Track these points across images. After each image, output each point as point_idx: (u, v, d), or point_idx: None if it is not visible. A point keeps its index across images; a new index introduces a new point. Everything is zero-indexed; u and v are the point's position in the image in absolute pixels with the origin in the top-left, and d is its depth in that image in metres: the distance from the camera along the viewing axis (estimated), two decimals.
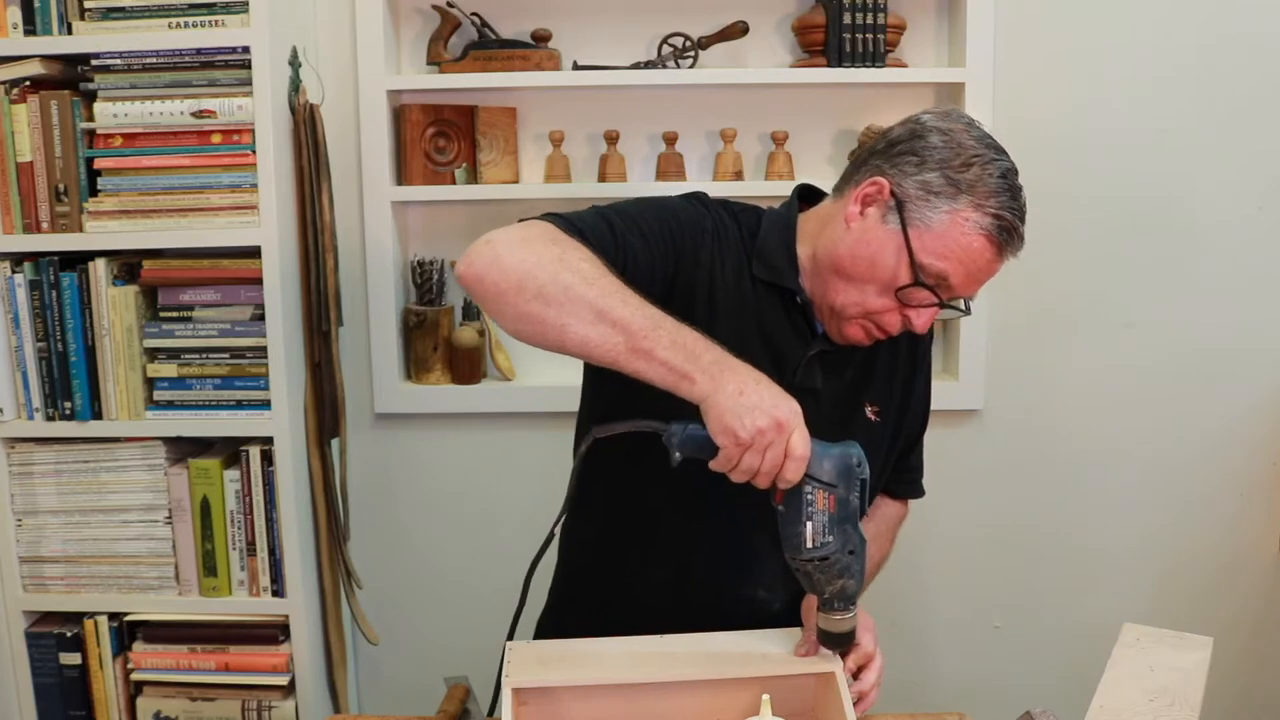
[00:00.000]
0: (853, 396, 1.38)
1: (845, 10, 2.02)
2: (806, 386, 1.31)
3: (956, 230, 1.20)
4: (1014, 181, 1.22)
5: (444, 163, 2.17)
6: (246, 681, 2.01)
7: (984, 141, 1.24)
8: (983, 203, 1.20)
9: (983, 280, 1.25)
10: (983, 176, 1.20)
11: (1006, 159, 1.24)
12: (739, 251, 1.32)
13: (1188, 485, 2.25)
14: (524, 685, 1.20)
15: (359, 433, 2.23)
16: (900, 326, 1.27)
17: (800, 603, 1.36)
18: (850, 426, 1.35)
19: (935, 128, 1.25)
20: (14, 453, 1.97)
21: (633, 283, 1.12)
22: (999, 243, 1.21)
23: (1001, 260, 1.24)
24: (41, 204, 1.90)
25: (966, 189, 1.20)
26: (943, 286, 1.23)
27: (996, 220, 1.20)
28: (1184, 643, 1.35)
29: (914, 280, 1.22)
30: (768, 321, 1.32)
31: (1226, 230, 2.16)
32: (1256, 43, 2.10)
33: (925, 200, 1.21)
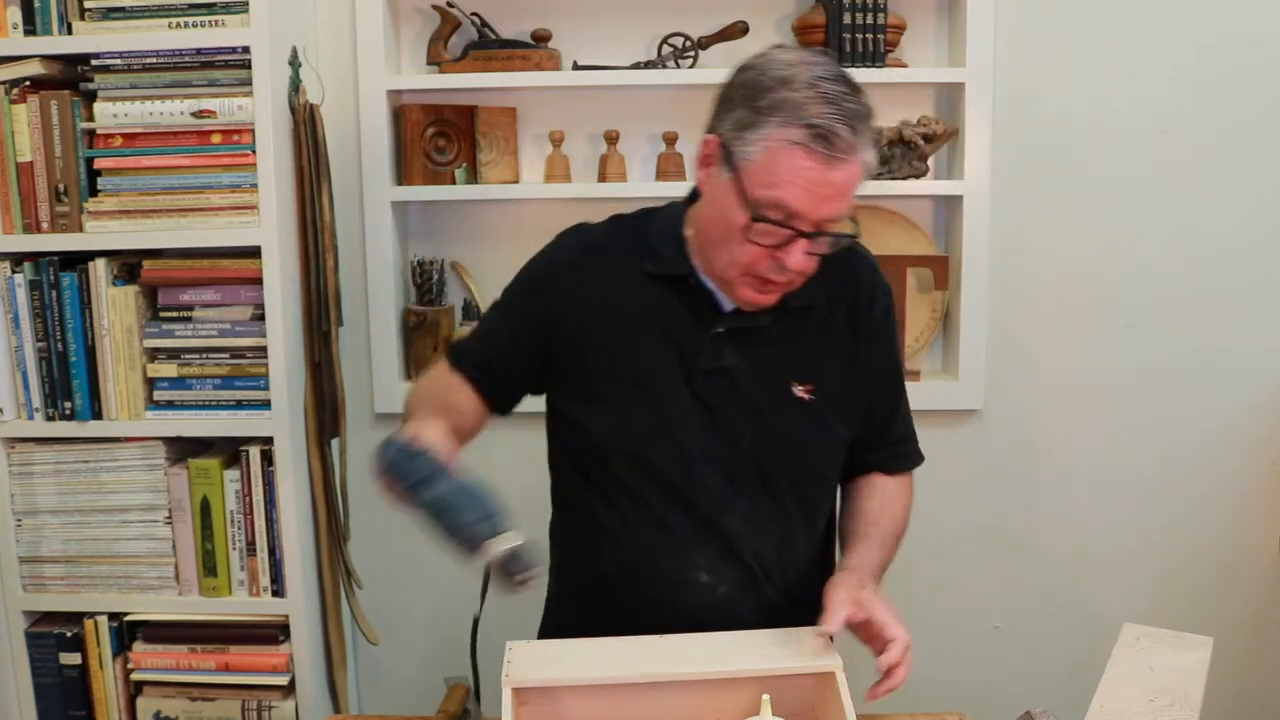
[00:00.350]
0: (777, 374, 1.35)
1: (845, 10, 2.02)
2: (715, 367, 1.33)
3: (773, 155, 1.19)
4: (826, 87, 1.18)
5: (444, 163, 2.17)
6: (246, 681, 2.00)
7: (791, 62, 1.21)
8: (791, 119, 1.18)
9: (831, 195, 1.20)
10: (787, 95, 1.18)
11: (819, 68, 1.20)
12: (629, 257, 1.37)
13: (1188, 485, 2.25)
14: (524, 685, 1.20)
15: (359, 433, 2.23)
16: (777, 269, 1.24)
17: (749, 587, 1.38)
18: (778, 405, 1.35)
19: (744, 67, 1.25)
20: (14, 453, 1.97)
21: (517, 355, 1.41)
22: (819, 151, 1.17)
23: (836, 166, 1.18)
24: (41, 204, 1.90)
25: (771, 111, 1.19)
26: (789, 214, 1.20)
27: (809, 130, 1.17)
28: (1184, 643, 1.35)
29: (753, 217, 1.22)
30: (667, 313, 1.35)
31: (1226, 230, 2.16)
32: (1256, 43, 2.10)
33: (741, 138, 1.21)
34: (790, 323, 1.35)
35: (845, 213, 1.23)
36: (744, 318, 1.34)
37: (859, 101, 1.20)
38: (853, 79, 1.22)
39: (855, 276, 1.40)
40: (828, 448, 1.41)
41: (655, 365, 1.34)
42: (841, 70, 1.22)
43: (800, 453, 1.38)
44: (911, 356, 2.19)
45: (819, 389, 1.36)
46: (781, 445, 1.36)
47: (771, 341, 1.35)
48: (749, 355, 1.34)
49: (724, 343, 1.34)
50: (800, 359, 1.36)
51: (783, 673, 1.22)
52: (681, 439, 1.34)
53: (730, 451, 1.35)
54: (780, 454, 1.36)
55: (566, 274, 1.39)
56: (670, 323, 1.34)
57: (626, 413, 1.35)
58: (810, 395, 1.36)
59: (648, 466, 1.35)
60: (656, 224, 1.39)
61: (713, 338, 1.33)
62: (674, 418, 1.34)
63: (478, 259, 2.24)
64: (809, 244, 1.23)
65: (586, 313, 1.37)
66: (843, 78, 1.21)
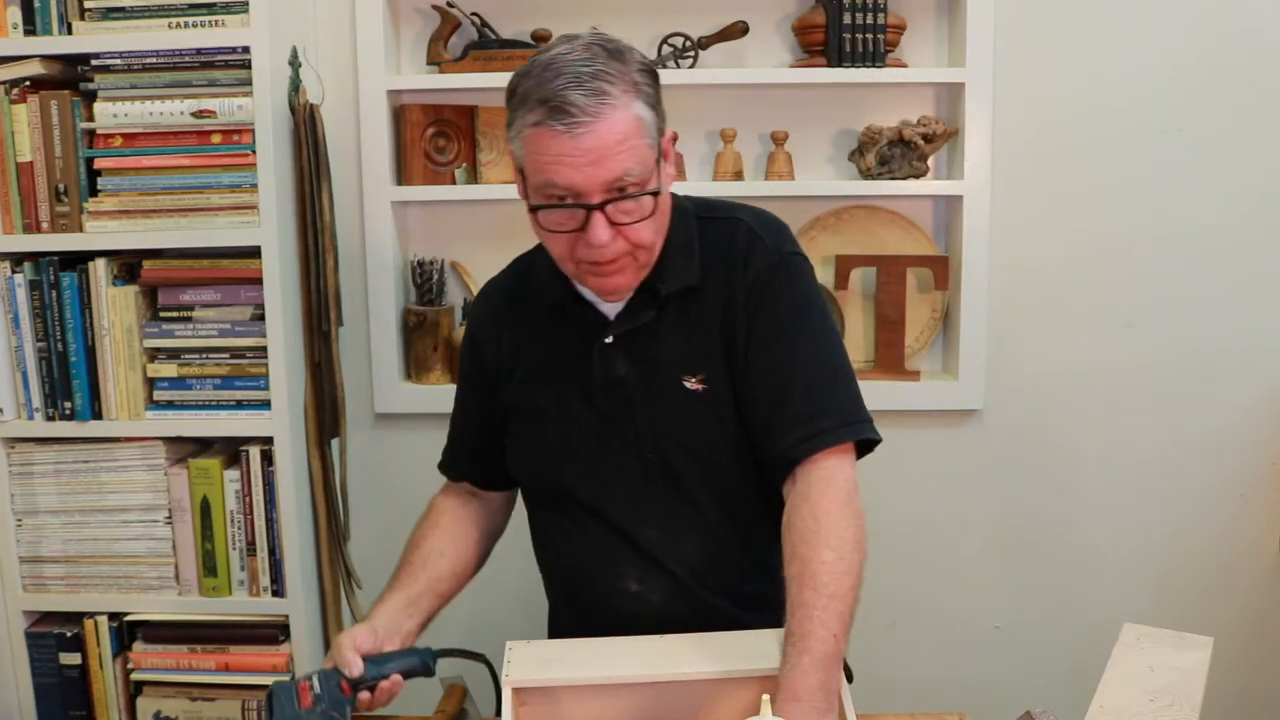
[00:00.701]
0: (667, 372, 1.30)
1: (845, 10, 2.02)
2: (610, 378, 1.32)
3: (529, 142, 1.19)
4: (561, 63, 1.17)
5: (444, 163, 2.17)
6: (246, 681, 2.00)
7: (537, 54, 1.22)
8: (530, 104, 1.18)
9: (593, 160, 1.16)
10: (525, 84, 1.19)
11: (558, 48, 1.20)
12: (524, 297, 1.39)
13: (1188, 485, 2.25)
14: (524, 684, 1.20)
15: (359, 433, 2.23)
16: (588, 248, 1.22)
17: (683, 594, 1.35)
18: (671, 404, 1.30)
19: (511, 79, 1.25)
20: (14, 453, 1.97)
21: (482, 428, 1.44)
22: (559, 121, 1.15)
23: (581, 132, 1.15)
24: (41, 204, 1.90)
25: (518, 105, 1.20)
26: (566, 193, 1.19)
27: (545, 107, 1.16)
28: (1184, 643, 1.35)
29: (533, 207, 1.23)
30: (561, 338, 1.35)
31: (1226, 230, 2.16)
32: (1256, 42, 2.10)
33: (512, 142, 1.23)
34: (672, 313, 1.31)
35: (630, 170, 1.18)
36: (629, 321, 1.31)
37: (601, 63, 1.18)
38: (606, 45, 1.21)
39: (729, 240, 1.32)
40: (728, 438, 1.30)
41: (558, 391, 1.35)
42: (594, 42, 1.21)
43: (699, 449, 1.31)
44: (911, 357, 2.19)
45: (709, 377, 1.30)
46: (681, 445, 1.31)
47: (658, 338, 1.31)
48: (640, 358, 1.31)
49: (613, 352, 1.32)
50: (687, 349, 1.30)
51: None
52: (589, 458, 1.34)
53: (636, 462, 1.33)
54: (681, 454, 1.32)
55: (482, 331, 1.43)
56: (564, 346, 1.35)
57: (539, 441, 1.37)
58: (702, 385, 1.30)
59: (564, 489, 1.37)
60: (540, 256, 1.37)
61: (600, 350, 1.32)
62: (579, 436, 1.34)
63: (478, 259, 2.24)
64: (607, 215, 1.19)
65: (504, 359, 1.40)
66: (584, 47, 1.19)
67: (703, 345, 1.30)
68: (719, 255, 1.31)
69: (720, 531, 1.35)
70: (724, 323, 1.30)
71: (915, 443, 2.21)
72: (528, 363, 1.38)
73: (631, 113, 1.18)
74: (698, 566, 1.35)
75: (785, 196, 2.15)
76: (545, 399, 1.36)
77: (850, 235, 2.17)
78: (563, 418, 1.35)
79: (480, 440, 1.46)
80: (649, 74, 1.24)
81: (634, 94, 1.19)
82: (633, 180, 1.19)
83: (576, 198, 1.18)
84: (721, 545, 1.35)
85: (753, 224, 1.33)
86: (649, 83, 1.23)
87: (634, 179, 1.19)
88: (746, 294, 1.29)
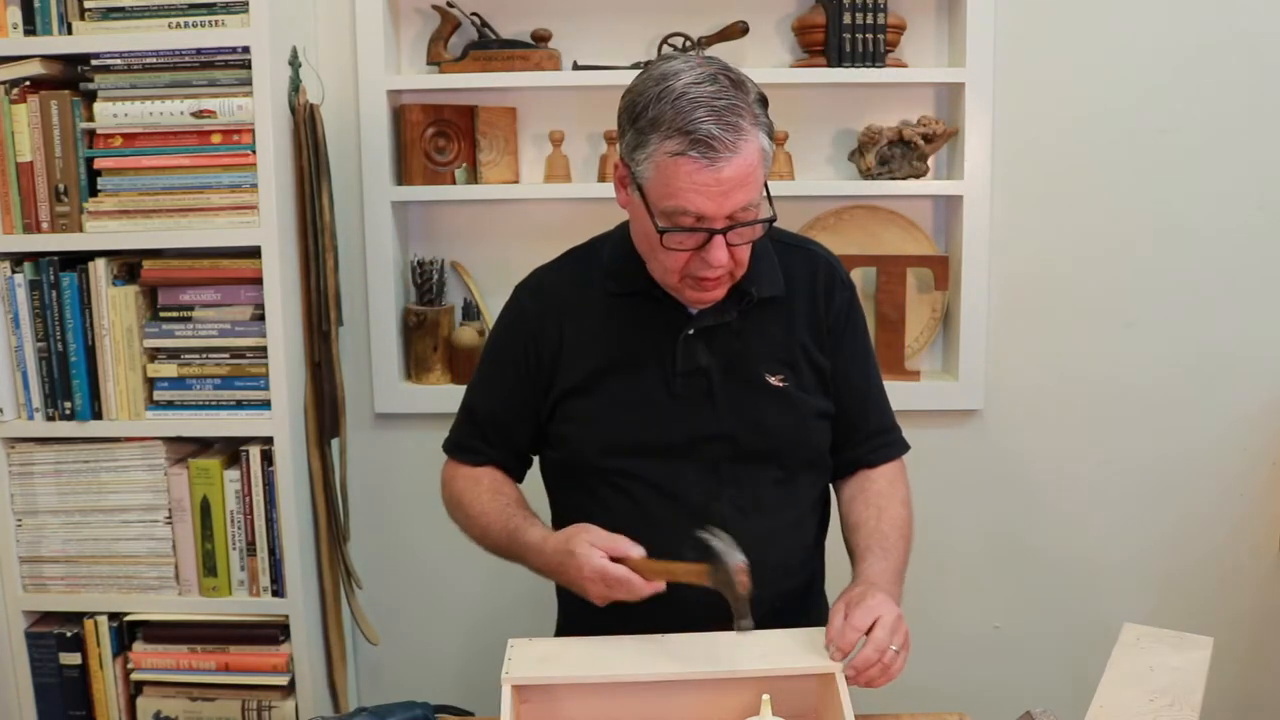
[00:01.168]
0: (750, 367, 1.40)
1: (845, 10, 2.02)
2: (691, 368, 1.39)
3: (661, 169, 1.25)
4: (694, 93, 1.23)
5: (444, 163, 2.17)
6: (246, 681, 2.00)
7: (660, 76, 1.27)
8: (670, 132, 1.23)
9: (728, 189, 1.25)
10: (660, 111, 1.24)
11: (686, 74, 1.25)
12: (589, 284, 1.44)
13: (1188, 485, 2.25)
14: (524, 682, 1.20)
15: (359, 433, 2.23)
16: (706, 267, 1.29)
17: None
18: (756, 396, 1.40)
19: (626, 90, 1.32)
20: (14, 453, 1.97)
21: (520, 416, 1.48)
22: (700, 156, 1.22)
23: (721, 164, 1.23)
24: (41, 204, 1.90)
25: (650, 129, 1.25)
26: (696, 218, 1.26)
27: (685, 137, 1.22)
28: (1184, 643, 1.35)
29: (660, 229, 1.27)
30: (638, 328, 1.41)
31: (1226, 230, 2.16)
32: (1256, 43, 2.10)
33: (634, 159, 1.29)
34: (756, 316, 1.41)
35: (753, 199, 1.27)
36: (711, 317, 1.39)
37: (731, 95, 1.24)
38: (728, 73, 1.27)
39: (811, 269, 1.45)
40: (807, 433, 1.44)
41: (631, 375, 1.41)
42: (712, 69, 1.27)
43: (776, 440, 1.41)
44: (911, 357, 2.19)
45: (789, 378, 1.41)
46: (759, 434, 1.40)
47: (740, 337, 1.40)
48: (722, 352, 1.40)
49: (696, 343, 1.39)
50: (770, 350, 1.41)
51: (783, 673, 1.22)
52: (664, 439, 1.40)
53: (712, 446, 1.40)
54: (758, 443, 1.40)
55: (538, 323, 1.46)
56: (642, 334, 1.41)
57: (607, 420, 1.41)
58: (784, 384, 1.41)
59: (630, 469, 1.41)
60: (610, 247, 1.46)
61: (685, 340, 1.39)
62: (655, 418, 1.40)
63: (478, 259, 2.24)
64: (726, 238, 1.28)
65: (566, 347, 1.43)
66: (710, 78, 1.25)
67: (785, 350, 1.42)
68: (803, 278, 1.44)
69: (780, 521, 1.43)
70: (808, 337, 1.43)
71: (915, 443, 2.17)
72: (595, 349, 1.42)
73: (759, 144, 1.27)
74: (754, 553, 1.35)
75: (785, 196, 2.13)
76: (616, 382, 1.41)
77: (850, 235, 2.17)
78: (636, 400, 1.40)
79: (515, 429, 1.50)
80: (763, 102, 1.31)
81: (758, 126, 1.27)
82: (752, 208, 1.28)
83: (702, 222, 1.26)
84: (778, 534, 1.42)
85: (828, 258, 1.49)
86: (764, 112, 1.30)
87: (753, 207, 1.28)
88: (834, 319, 1.45)
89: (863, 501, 1.46)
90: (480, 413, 1.52)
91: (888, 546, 1.39)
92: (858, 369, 1.48)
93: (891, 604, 1.27)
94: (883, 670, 1.22)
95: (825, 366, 1.44)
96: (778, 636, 1.28)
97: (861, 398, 1.49)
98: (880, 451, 1.50)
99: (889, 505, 1.45)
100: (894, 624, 1.24)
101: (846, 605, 1.27)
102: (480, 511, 1.47)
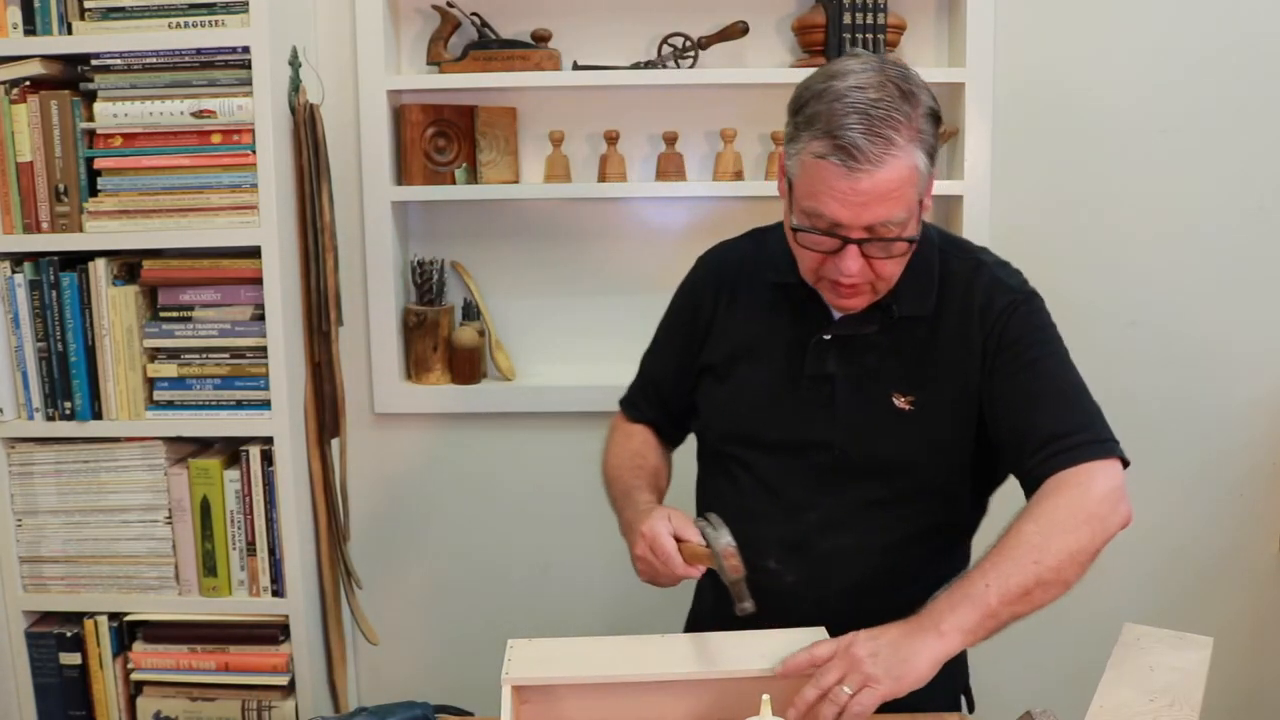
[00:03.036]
0: (875, 383, 1.35)
1: (845, 10, 2.02)
2: (818, 373, 1.37)
3: (807, 168, 1.23)
4: (856, 96, 1.19)
5: (444, 163, 2.17)
6: (246, 681, 2.01)
7: (836, 72, 1.24)
8: (819, 133, 1.21)
9: (866, 202, 1.20)
10: (816, 109, 1.22)
11: (859, 75, 1.21)
12: (758, 267, 1.43)
13: (1188, 484, 2.25)
14: (525, 683, 1.20)
15: (359, 433, 2.23)
16: (835, 270, 1.26)
17: (815, 583, 1.38)
18: (875, 414, 1.35)
19: (801, 82, 1.28)
20: (14, 453, 1.97)
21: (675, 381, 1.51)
22: (842, 162, 1.19)
23: (862, 175, 1.19)
24: (41, 204, 1.90)
25: (805, 125, 1.23)
26: (832, 223, 1.23)
27: (831, 141, 1.19)
28: (1184, 643, 1.34)
29: (795, 226, 1.27)
30: (783, 319, 1.40)
31: (1227, 230, 2.16)
32: (1257, 43, 2.10)
33: (788, 152, 1.27)
34: (898, 333, 1.35)
35: (895, 215, 1.22)
36: (851, 325, 1.35)
37: (892, 106, 1.19)
38: (901, 83, 1.21)
39: (972, 283, 1.35)
40: (925, 459, 1.36)
41: (764, 366, 1.41)
42: (884, 75, 1.21)
43: (888, 462, 1.36)
44: None
45: (919, 400, 1.34)
46: (870, 453, 1.36)
47: (875, 350, 1.35)
48: (852, 363, 1.36)
49: (828, 349, 1.36)
50: (904, 370, 1.35)
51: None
52: (779, 434, 1.39)
53: (819, 453, 1.38)
54: (868, 462, 1.36)
55: (703, 290, 1.48)
56: (784, 328, 1.40)
57: (734, 404, 1.43)
58: (910, 405, 1.34)
59: (744, 458, 1.42)
60: (776, 234, 1.41)
61: (816, 344, 1.37)
62: (775, 412, 1.39)
63: (478, 259, 2.24)
64: (861, 249, 1.24)
65: (717, 320, 1.46)
66: (878, 84, 1.20)
67: (921, 370, 1.35)
68: (958, 292, 1.35)
69: (869, 541, 1.38)
70: (955, 354, 1.34)
71: None
72: (739, 332, 1.43)
73: (911, 161, 1.21)
74: (840, 561, 1.38)
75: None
76: (749, 369, 1.42)
77: None
78: (761, 393, 1.40)
79: (670, 393, 1.54)
80: (933, 118, 1.25)
81: (916, 142, 1.22)
82: (894, 225, 1.23)
83: (837, 228, 1.23)
84: (863, 554, 1.38)
85: (994, 266, 1.38)
86: (931, 129, 1.24)
87: (895, 224, 1.23)
88: (988, 331, 1.33)
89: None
90: (646, 372, 1.58)
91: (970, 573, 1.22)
92: (1022, 381, 1.31)
93: (871, 644, 1.15)
94: (836, 712, 1.11)
95: (973, 387, 1.33)
96: (778, 636, 1.27)
97: (1026, 409, 1.30)
98: (1048, 463, 1.26)
99: (1018, 523, 1.23)
100: (847, 665, 1.13)
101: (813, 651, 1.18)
102: (616, 465, 1.53)
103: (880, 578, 1.38)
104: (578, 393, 2.20)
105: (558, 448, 2.26)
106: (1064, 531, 1.19)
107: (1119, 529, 1.23)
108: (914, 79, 1.24)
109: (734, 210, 2.20)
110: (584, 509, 2.30)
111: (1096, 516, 1.21)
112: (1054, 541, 1.19)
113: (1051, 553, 1.18)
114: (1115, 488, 1.24)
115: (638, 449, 1.54)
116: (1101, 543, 1.21)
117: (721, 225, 2.21)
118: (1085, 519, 1.20)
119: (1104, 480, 1.24)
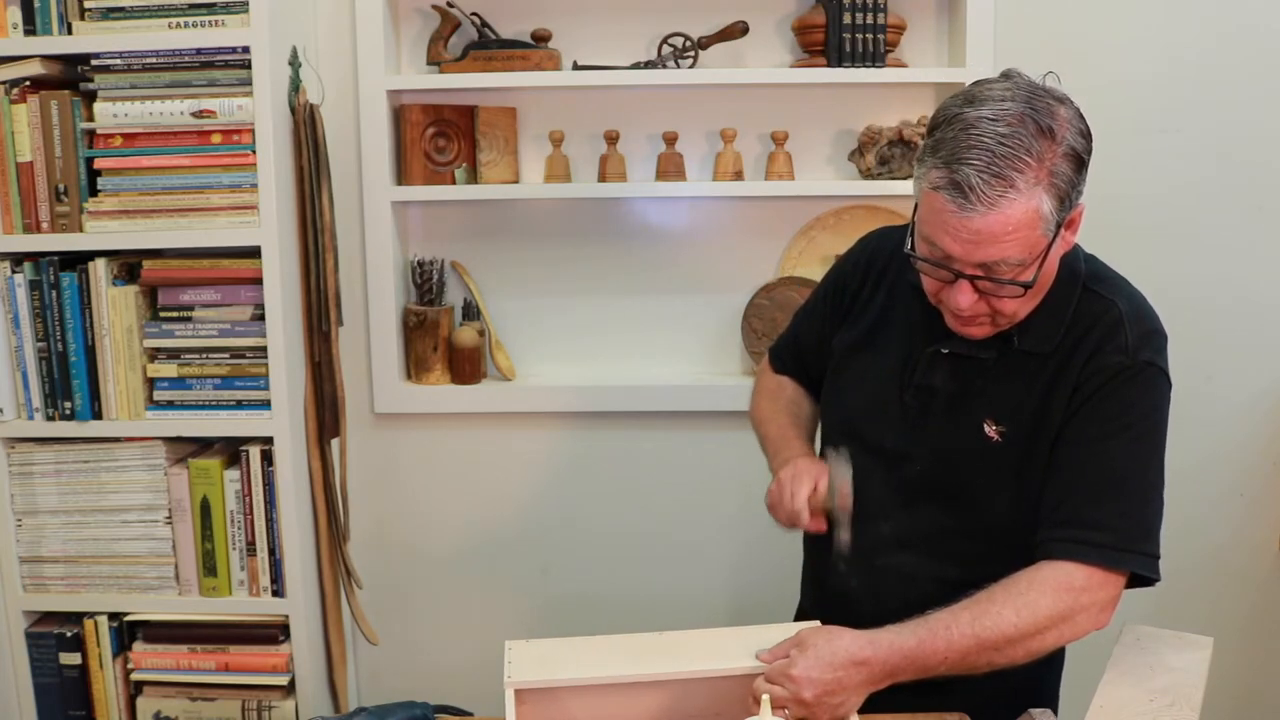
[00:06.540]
0: (972, 406, 1.31)
1: (845, 10, 2.02)
2: (922, 384, 1.35)
3: (926, 196, 1.20)
4: (983, 128, 1.13)
5: (444, 163, 2.17)
6: (246, 681, 2.01)
7: (974, 96, 1.18)
8: (939, 162, 1.16)
9: (979, 241, 1.15)
10: (944, 135, 1.17)
11: (995, 105, 1.15)
12: (907, 263, 1.32)
13: (1188, 485, 2.25)
14: (524, 685, 1.20)
15: (359, 433, 2.23)
16: (953, 303, 1.23)
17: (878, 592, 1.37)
18: (962, 438, 1.31)
19: (943, 101, 1.23)
20: (14, 453, 1.97)
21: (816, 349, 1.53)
22: (953, 198, 1.14)
23: (974, 215, 1.14)
24: (41, 204, 1.90)
25: (931, 152, 1.18)
26: (945, 256, 1.19)
27: (949, 174, 1.15)
28: (1184, 643, 1.35)
29: (906, 251, 1.25)
30: (910, 322, 1.38)
31: (1226, 230, 2.16)
32: (1257, 42, 2.10)
33: (915, 176, 1.23)
34: (1013, 363, 1.30)
35: (1010, 257, 1.17)
36: (969, 346, 1.31)
37: (1021, 144, 1.13)
38: (1043, 119, 1.15)
39: (1092, 325, 1.29)
40: (995, 492, 1.31)
41: (885, 366, 1.39)
42: (1024, 108, 1.15)
43: (966, 486, 1.33)
44: None
45: (1009, 432, 1.29)
46: (952, 475, 1.33)
47: (985, 374, 1.31)
48: (958, 380, 1.33)
49: (940, 362, 1.34)
50: (1003, 399, 1.30)
51: None
52: (874, 439, 1.38)
53: (904, 465, 1.36)
54: (949, 483, 1.34)
55: (855, 268, 1.48)
56: (909, 330, 1.38)
57: (849, 400, 1.44)
58: (999, 436, 1.30)
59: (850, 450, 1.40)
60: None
61: (930, 354, 1.34)
62: (875, 417, 1.39)
63: (477, 259, 2.24)
64: (973, 285, 1.21)
65: (857, 303, 1.46)
66: (1016, 117, 1.14)
67: (1019, 402, 1.30)
68: (1080, 332, 1.29)
69: (932, 570, 1.35)
70: (1048, 393, 1.28)
71: None
72: (868, 322, 1.43)
73: (1031, 205, 1.15)
74: (905, 573, 1.36)
75: (785, 196, 2.15)
76: (866, 364, 1.42)
77: (850, 235, 2.16)
78: (871, 390, 1.40)
79: (810, 356, 1.56)
80: (1074, 160, 1.17)
81: (1044, 185, 1.15)
82: (1009, 266, 1.18)
83: (950, 261, 1.20)
84: (923, 582, 1.34)
85: (1126, 314, 1.31)
86: (1068, 171, 1.17)
87: (1011, 265, 1.18)
88: (1081, 385, 1.27)
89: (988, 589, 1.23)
90: (796, 330, 1.61)
91: (934, 627, 1.21)
92: (1081, 453, 1.25)
93: (828, 669, 1.17)
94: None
95: (1055, 431, 1.27)
96: (778, 635, 1.27)
97: (1069, 480, 1.25)
98: (1054, 545, 1.23)
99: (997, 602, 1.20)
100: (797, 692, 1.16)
101: (799, 642, 1.20)
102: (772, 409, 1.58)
103: (929, 608, 1.27)
104: (578, 393, 2.20)
105: (558, 448, 2.26)
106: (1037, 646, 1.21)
107: (1085, 634, 1.23)
108: (1061, 115, 1.17)
109: (734, 210, 2.20)
110: (584, 509, 2.31)
111: (1068, 620, 1.21)
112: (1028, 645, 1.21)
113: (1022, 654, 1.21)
114: (1103, 600, 1.22)
115: (792, 397, 1.59)
116: (1060, 644, 1.23)
117: (721, 225, 2.22)
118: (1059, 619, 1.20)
119: (1097, 591, 1.21)
